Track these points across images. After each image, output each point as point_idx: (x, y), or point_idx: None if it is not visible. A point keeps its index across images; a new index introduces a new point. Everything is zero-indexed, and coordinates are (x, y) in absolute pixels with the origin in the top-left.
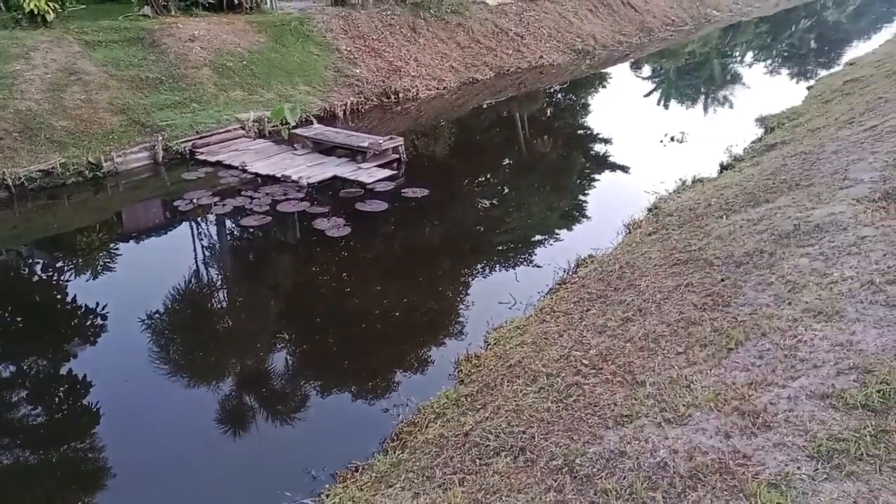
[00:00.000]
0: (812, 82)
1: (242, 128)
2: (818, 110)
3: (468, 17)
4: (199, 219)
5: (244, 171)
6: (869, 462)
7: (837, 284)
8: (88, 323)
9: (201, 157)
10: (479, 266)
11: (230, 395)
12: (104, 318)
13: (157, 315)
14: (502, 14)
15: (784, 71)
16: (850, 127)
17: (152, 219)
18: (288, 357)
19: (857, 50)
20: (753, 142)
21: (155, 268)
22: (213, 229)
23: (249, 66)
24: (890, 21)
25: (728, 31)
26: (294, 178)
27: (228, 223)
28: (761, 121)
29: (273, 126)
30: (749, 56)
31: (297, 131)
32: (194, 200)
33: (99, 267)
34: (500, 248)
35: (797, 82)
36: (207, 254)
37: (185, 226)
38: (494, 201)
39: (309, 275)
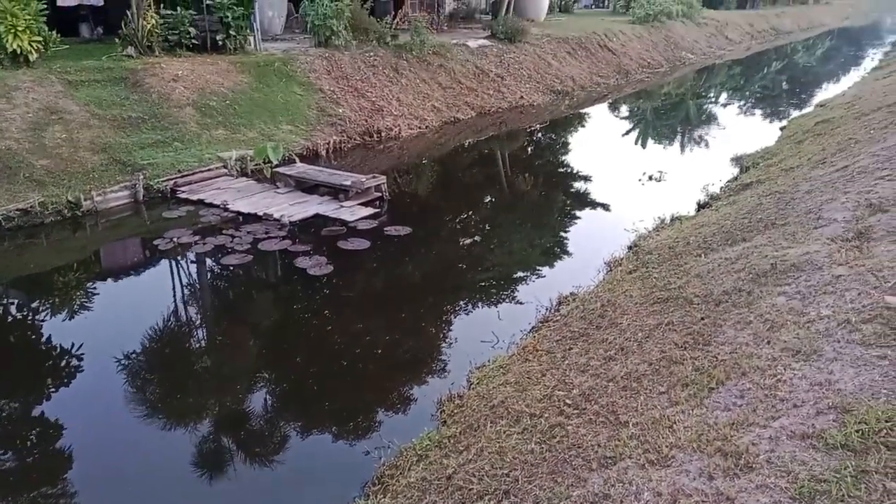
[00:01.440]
0: (785, 123)
1: (225, 167)
2: (791, 150)
3: (449, 59)
4: (178, 258)
5: (226, 209)
6: None
7: (814, 323)
8: (63, 364)
9: (182, 196)
10: (461, 304)
11: (207, 438)
12: (79, 358)
13: (133, 355)
14: (483, 55)
15: (757, 112)
16: (822, 167)
17: (131, 258)
18: (267, 398)
19: (827, 92)
20: (729, 181)
21: (133, 307)
22: (194, 268)
23: (233, 105)
24: (857, 64)
25: (702, 72)
26: (276, 216)
27: (209, 262)
28: (737, 160)
29: (255, 165)
30: (723, 97)
31: (280, 170)
32: (174, 239)
33: (75, 306)
34: (483, 285)
35: (770, 123)
36: (187, 293)
37: (164, 265)
38: (477, 238)
39: (290, 313)
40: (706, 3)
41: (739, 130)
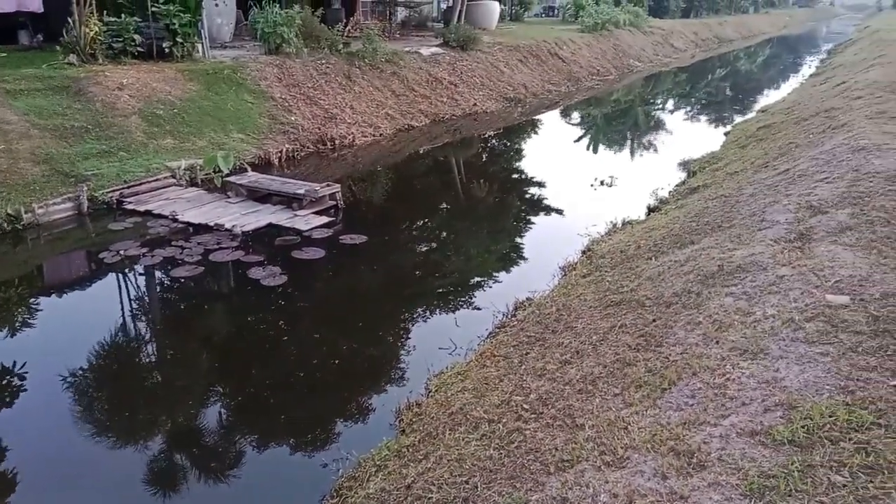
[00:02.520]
0: (729, 128)
1: (173, 176)
2: (735, 155)
3: (403, 66)
4: (126, 271)
5: (175, 220)
6: (798, 498)
7: (760, 323)
8: (4, 383)
9: (129, 207)
10: (419, 311)
11: (159, 455)
12: (21, 378)
13: (80, 372)
14: (436, 63)
15: (703, 117)
16: (765, 171)
17: (76, 272)
18: (222, 412)
19: (769, 98)
20: (677, 185)
21: (79, 323)
22: (142, 281)
23: (181, 114)
24: (795, 71)
25: (650, 80)
26: (227, 226)
27: (158, 274)
28: (684, 165)
29: (205, 174)
30: (670, 103)
31: (231, 179)
32: (121, 252)
33: (17, 324)
34: (440, 291)
35: (715, 128)
36: (135, 306)
37: (111, 278)
38: (434, 245)
39: (243, 325)
40: (652, 13)
41: (686, 136)
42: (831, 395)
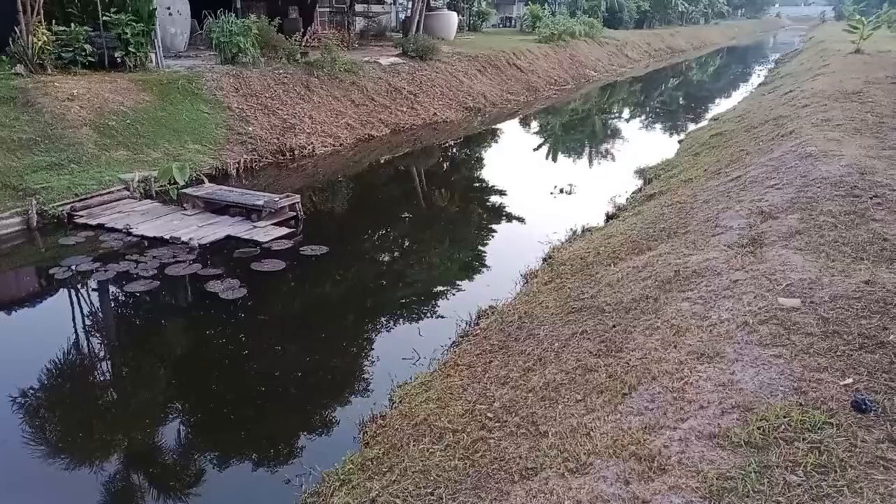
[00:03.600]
0: (682, 136)
1: (127, 189)
2: (689, 162)
3: (362, 76)
4: (78, 286)
5: (129, 233)
6: (755, 498)
7: (716, 327)
8: None
9: (81, 221)
10: (382, 322)
11: (116, 475)
12: None
13: (31, 392)
14: (395, 73)
15: (658, 126)
16: (718, 178)
17: (25, 289)
18: (181, 429)
19: (720, 106)
20: (634, 192)
21: (28, 342)
22: (95, 297)
23: (134, 125)
24: (745, 80)
25: (606, 89)
26: (184, 239)
27: (112, 289)
28: (640, 172)
29: (160, 186)
30: (626, 112)
31: (187, 191)
32: (73, 267)
33: None
34: (403, 301)
35: (670, 136)
36: (89, 323)
37: (62, 295)
38: (396, 255)
39: (202, 339)
40: (607, 24)
41: (642, 144)
42: (785, 396)
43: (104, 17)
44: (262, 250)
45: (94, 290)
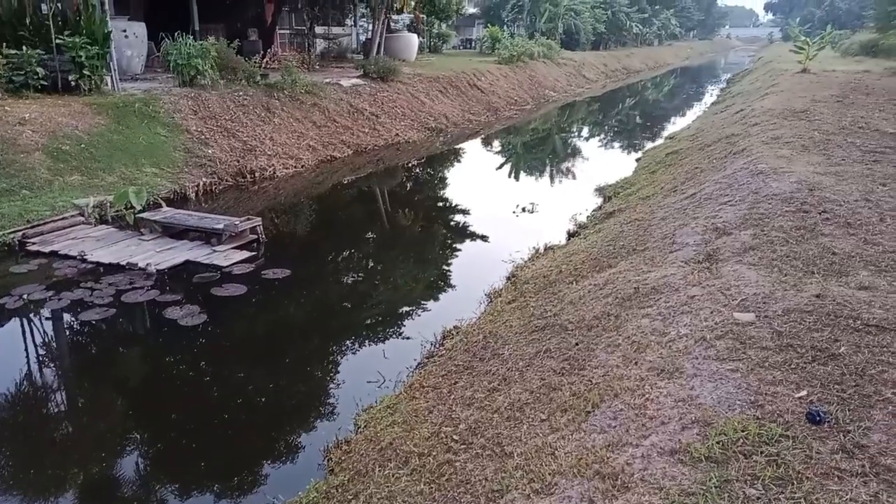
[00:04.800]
0: (640, 154)
1: (81, 214)
2: (647, 180)
3: (323, 98)
4: (30, 316)
5: (83, 260)
6: None
7: (675, 342)
8: None
9: (33, 249)
10: (346, 344)
11: None
12: None
13: None
14: (357, 94)
15: (616, 144)
16: (674, 195)
17: None
18: (139, 461)
19: (675, 125)
20: (595, 210)
21: None
22: (48, 326)
23: (88, 149)
24: (699, 99)
25: (565, 109)
26: (141, 265)
27: (66, 318)
28: (600, 190)
29: (116, 211)
30: (585, 131)
31: (144, 215)
32: (24, 296)
33: None
34: (368, 323)
35: (628, 154)
36: (42, 353)
37: (14, 325)
38: (360, 276)
39: (161, 368)
40: (564, 45)
41: (602, 162)
42: (742, 409)
43: (57, 40)
44: (222, 275)
45: (47, 319)
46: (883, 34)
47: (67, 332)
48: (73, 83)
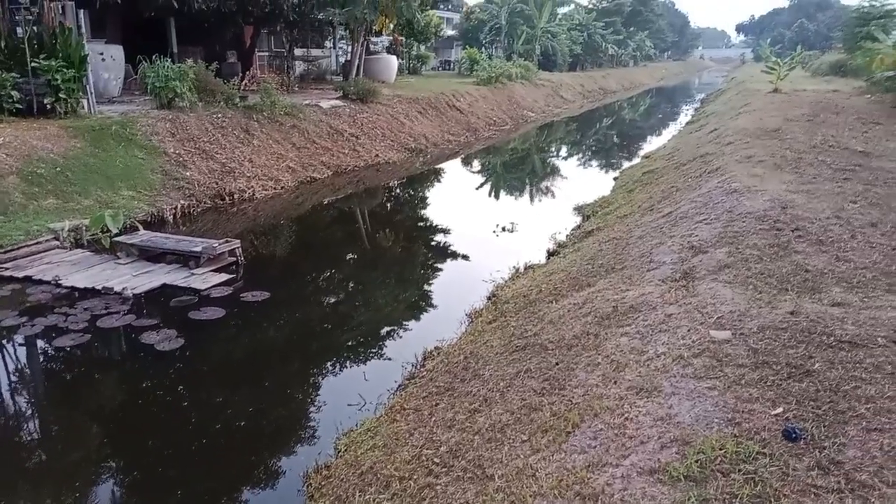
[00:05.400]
0: (617, 173)
1: (56, 238)
2: (624, 199)
3: (303, 119)
4: (3, 343)
5: (58, 285)
6: None
7: (653, 361)
8: None
9: (6, 274)
10: (327, 367)
11: None
12: None
13: None
14: (336, 115)
15: (594, 163)
16: (650, 214)
17: None
18: (115, 489)
19: (651, 144)
20: (573, 229)
21: None
22: (22, 353)
23: (64, 172)
24: (674, 119)
25: (543, 129)
26: (117, 289)
27: (40, 344)
28: (579, 209)
29: (92, 235)
30: (563, 151)
31: (121, 239)
32: None
33: None
34: (349, 345)
35: (606, 173)
36: (14, 380)
37: None
38: (340, 298)
39: (137, 394)
40: (542, 66)
41: (580, 181)
42: (720, 427)
43: (33, 64)
44: (200, 298)
45: (20, 345)
46: (850, 55)
47: (41, 359)
48: (48, 106)
